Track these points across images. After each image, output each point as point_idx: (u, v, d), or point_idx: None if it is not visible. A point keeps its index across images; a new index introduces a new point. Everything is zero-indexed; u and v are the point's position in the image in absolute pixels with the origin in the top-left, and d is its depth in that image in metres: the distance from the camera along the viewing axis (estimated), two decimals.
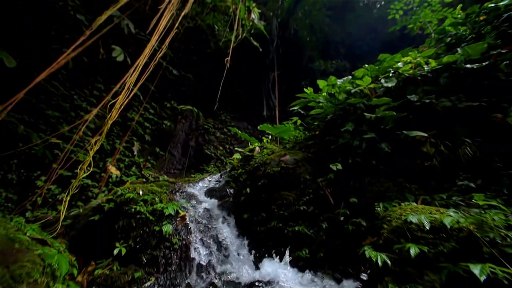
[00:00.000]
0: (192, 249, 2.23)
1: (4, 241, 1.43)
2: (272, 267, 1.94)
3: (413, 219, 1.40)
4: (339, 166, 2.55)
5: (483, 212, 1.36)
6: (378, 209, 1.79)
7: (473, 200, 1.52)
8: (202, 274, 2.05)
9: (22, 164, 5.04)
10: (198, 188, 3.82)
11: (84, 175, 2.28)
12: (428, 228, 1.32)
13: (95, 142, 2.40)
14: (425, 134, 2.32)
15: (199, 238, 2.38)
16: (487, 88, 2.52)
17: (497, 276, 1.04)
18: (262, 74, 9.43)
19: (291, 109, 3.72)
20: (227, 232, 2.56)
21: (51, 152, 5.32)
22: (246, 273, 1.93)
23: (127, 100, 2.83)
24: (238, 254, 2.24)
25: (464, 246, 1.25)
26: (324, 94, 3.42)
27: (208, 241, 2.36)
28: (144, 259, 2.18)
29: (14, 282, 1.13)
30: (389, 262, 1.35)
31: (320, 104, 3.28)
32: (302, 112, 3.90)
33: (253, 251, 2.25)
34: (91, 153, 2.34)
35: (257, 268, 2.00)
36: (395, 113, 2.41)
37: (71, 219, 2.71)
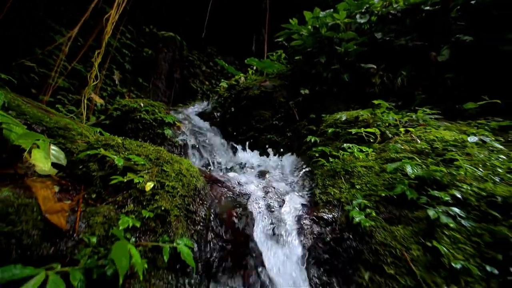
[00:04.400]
0: (189, 146, 3.16)
1: (57, 114, 2.19)
2: (247, 156, 2.96)
3: (338, 116, 2.32)
4: (307, 91, 3.36)
5: (382, 112, 2.29)
6: (324, 116, 2.71)
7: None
8: (196, 160, 3.04)
9: None
10: (189, 112, 4.58)
11: (94, 83, 2.90)
12: (343, 120, 2.26)
13: (97, 54, 2.90)
14: (375, 66, 3.09)
15: (193, 140, 3.29)
16: (438, 29, 3.18)
17: (362, 134, 2.01)
18: (253, 2, 8.93)
19: (276, 40, 4.19)
20: (214, 139, 3.49)
21: (27, 76, 5.53)
22: (229, 159, 2.95)
23: (118, 15, 3.15)
24: (223, 150, 3.23)
25: (363, 125, 2.22)
26: (309, 27, 3.87)
27: (200, 142, 3.29)
28: None
29: (81, 136, 1.92)
30: (318, 140, 2.33)
31: (303, 36, 3.78)
32: (286, 44, 4.39)
33: (234, 149, 3.25)
34: (96, 64, 2.88)
35: (236, 156, 3.02)
36: (355, 47, 3.08)
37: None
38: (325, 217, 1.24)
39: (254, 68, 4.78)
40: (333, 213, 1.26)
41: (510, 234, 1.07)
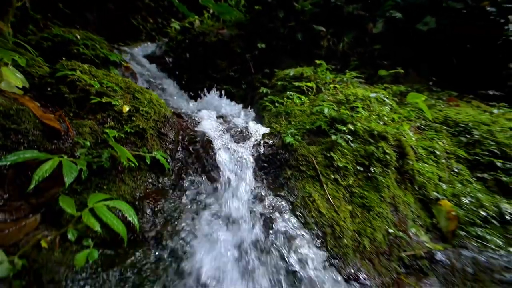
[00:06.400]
0: None
1: None
2: (203, 104, 3.26)
3: (287, 71, 2.82)
4: (263, 45, 3.68)
5: (321, 71, 2.87)
6: (276, 71, 3.16)
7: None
8: None
9: None
10: (135, 52, 4.32)
11: (18, 4, 2.50)
12: (291, 75, 2.77)
13: None
14: (324, 30, 3.60)
15: (145, 84, 3.32)
16: (379, 2, 3.80)
17: (303, 87, 2.59)
18: None
19: None
20: (169, 86, 3.59)
21: None
22: (185, 106, 3.20)
23: None
24: (178, 97, 3.41)
25: (306, 81, 2.78)
26: None
27: (153, 87, 3.35)
28: None
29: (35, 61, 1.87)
30: (269, 91, 2.81)
31: None
32: None
33: (190, 97, 3.47)
34: None
35: (192, 104, 3.29)
36: (310, 7, 3.46)
37: None
38: (268, 142, 1.79)
39: (211, 11, 4.67)
40: (273, 140, 1.82)
41: (375, 150, 1.84)
